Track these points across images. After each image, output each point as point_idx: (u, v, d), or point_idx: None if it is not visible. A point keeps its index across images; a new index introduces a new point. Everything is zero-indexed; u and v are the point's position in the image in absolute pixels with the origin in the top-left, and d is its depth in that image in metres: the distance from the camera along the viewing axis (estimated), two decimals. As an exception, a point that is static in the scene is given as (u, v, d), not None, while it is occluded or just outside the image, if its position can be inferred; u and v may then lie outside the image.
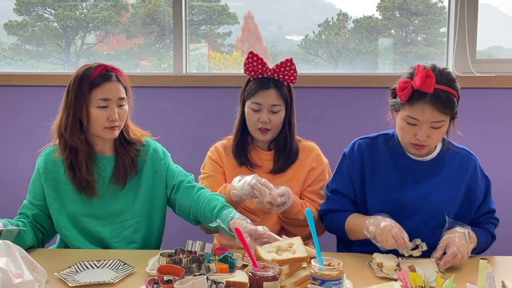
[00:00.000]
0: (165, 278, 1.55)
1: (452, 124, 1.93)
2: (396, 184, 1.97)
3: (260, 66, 2.13)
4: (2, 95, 3.08)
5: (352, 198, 2.03)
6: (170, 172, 2.08)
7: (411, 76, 1.86)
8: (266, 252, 1.58)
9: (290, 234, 2.05)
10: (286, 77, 2.14)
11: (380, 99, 2.05)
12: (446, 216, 1.86)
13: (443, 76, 1.85)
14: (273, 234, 1.74)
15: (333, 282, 1.43)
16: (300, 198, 2.16)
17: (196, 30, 3.31)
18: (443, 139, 2.02)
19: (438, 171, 1.97)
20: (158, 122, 2.96)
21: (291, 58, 2.13)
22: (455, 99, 1.86)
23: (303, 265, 1.64)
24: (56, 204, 1.99)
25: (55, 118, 2.03)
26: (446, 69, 1.89)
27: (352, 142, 2.09)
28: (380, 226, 1.79)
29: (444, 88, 1.83)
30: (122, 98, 1.96)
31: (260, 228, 1.75)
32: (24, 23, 3.31)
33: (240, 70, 3.26)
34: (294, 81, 2.16)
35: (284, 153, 2.16)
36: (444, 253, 1.77)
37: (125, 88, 1.99)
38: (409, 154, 1.99)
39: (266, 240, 1.72)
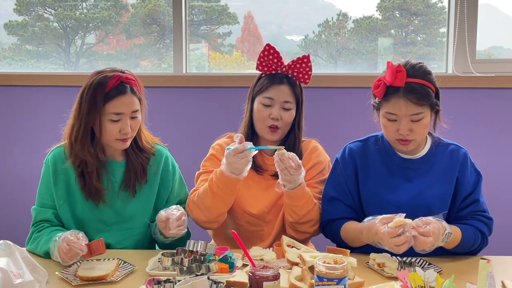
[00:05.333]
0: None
1: (438, 118, 1.94)
2: (389, 185, 1.96)
3: (275, 61, 2.08)
4: (2, 95, 3.08)
5: (349, 204, 2.01)
6: (173, 191, 2.09)
7: (385, 73, 1.89)
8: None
9: (288, 235, 2.05)
10: (300, 75, 2.09)
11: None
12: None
13: (415, 69, 1.87)
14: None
15: (346, 279, 1.44)
16: None
17: (196, 30, 3.31)
18: (432, 135, 2.02)
19: (429, 168, 1.97)
20: (158, 122, 2.95)
21: (308, 55, 2.08)
22: (431, 90, 1.87)
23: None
24: (65, 207, 1.97)
25: (55, 118, 2.02)
26: (420, 63, 1.91)
27: (343, 147, 2.09)
28: (381, 243, 1.77)
29: (416, 80, 1.84)
30: (136, 111, 1.93)
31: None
32: (24, 23, 3.31)
33: (240, 70, 3.26)
34: (307, 80, 2.10)
35: None
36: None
37: (141, 97, 1.97)
38: (399, 154, 1.99)
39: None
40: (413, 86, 1.84)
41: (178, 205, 1.94)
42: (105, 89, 1.87)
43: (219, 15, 3.27)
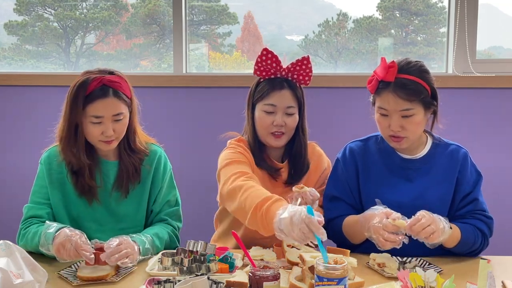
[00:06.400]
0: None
1: (436, 119, 1.94)
2: (389, 185, 1.97)
3: (274, 65, 2.02)
4: (2, 95, 3.08)
5: (350, 203, 2.02)
6: (161, 192, 2.06)
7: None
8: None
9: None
10: (301, 77, 2.04)
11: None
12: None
13: (409, 66, 1.88)
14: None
15: (346, 279, 1.44)
16: None
17: (196, 30, 3.31)
18: (433, 136, 2.02)
19: (429, 169, 1.97)
20: (157, 122, 2.96)
21: (308, 56, 2.04)
22: (423, 88, 1.87)
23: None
24: (60, 206, 1.98)
25: (55, 118, 2.02)
26: (418, 61, 1.91)
27: (344, 146, 2.09)
28: (371, 231, 1.77)
29: (407, 76, 1.86)
30: (118, 114, 1.90)
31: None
32: (24, 23, 3.31)
33: (240, 70, 3.26)
34: (308, 81, 2.06)
35: (299, 162, 2.08)
36: None
37: (127, 99, 1.94)
38: (400, 153, 1.99)
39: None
40: (403, 81, 1.85)
41: (129, 240, 1.79)
42: (85, 91, 1.86)
43: (219, 15, 3.27)
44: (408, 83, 1.85)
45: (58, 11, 3.30)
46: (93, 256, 1.70)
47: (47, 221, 1.84)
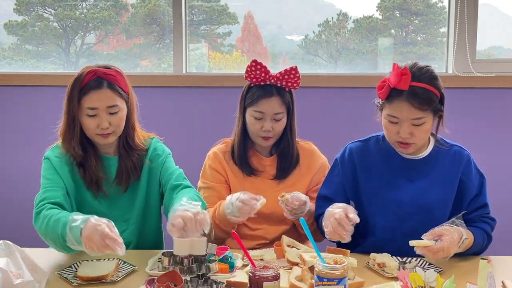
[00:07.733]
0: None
1: (441, 123, 1.94)
2: (390, 184, 1.96)
3: (263, 74, 2.07)
4: (2, 95, 3.08)
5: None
6: (164, 170, 2.04)
7: (390, 74, 1.89)
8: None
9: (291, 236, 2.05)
10: (289, 83, 2.10)
11: (380, 99, 2.04)
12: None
13: (421, 73, 1.86)
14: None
15: (346, 279, 1.44)
16: None
17: (196, 30, 3.31)
18: (435, 136, 2.02)
19: (431, 169, 1.97)
20: (158, 122, 2.96)
21: (296, 66, 2.08)
22: (435, 95, 1.86)
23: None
24: (71, 194, 1.94)
25: (55, 118, 2.03)
26: (427, 67, 1.89)
27: (344, 147, 2.09)
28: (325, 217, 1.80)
29: (420, 85, 1.84)
30: (113, 106, 1.90)
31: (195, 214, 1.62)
32: (24, 23, 3.31)
33: (241, 70, 3.26)
34: (296, 87, 2.12)
35: (287, 159, 2.15)
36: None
37: (123, 93, 1.94)
38: (401, 154, 1.99)
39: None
40: (416, 90, 1.82)
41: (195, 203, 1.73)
42: (80, 84, 1.88)
43: (219, 15, 3.27)
44: (421, 92, 1.83)
45: (58, 11, 3.30)
46: (122, 243, 1.55)
47: (73, 216, 1.68)
